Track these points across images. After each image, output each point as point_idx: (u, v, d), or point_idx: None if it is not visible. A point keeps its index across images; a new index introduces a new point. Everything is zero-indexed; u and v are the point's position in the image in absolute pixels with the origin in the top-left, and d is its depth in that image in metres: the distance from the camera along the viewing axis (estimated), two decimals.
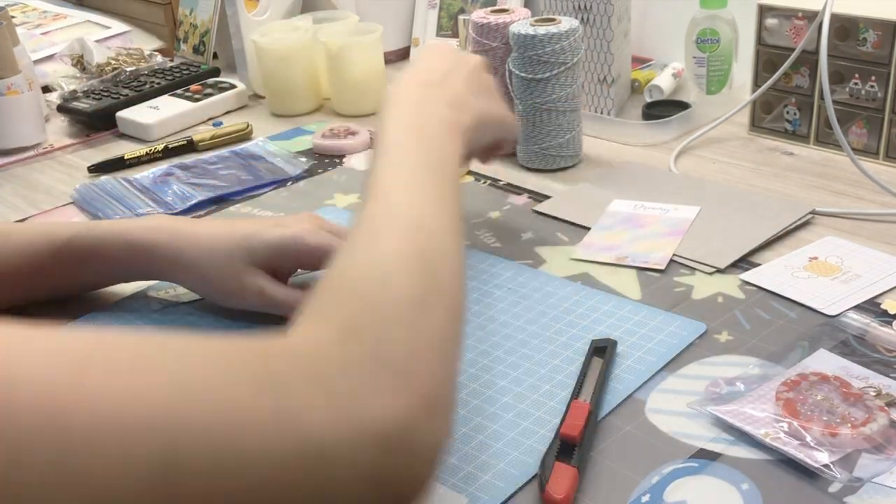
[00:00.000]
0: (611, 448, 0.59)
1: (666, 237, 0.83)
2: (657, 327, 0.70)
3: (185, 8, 1.42)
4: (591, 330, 0.71)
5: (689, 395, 0.63)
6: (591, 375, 0.64)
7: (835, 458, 0.55)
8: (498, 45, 1.00)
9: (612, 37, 1.08)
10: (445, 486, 0.57)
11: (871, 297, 0.72)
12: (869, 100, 0.95)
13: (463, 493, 0.56)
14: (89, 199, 1.00)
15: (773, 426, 0.58)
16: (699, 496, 0.55)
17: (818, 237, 0.82)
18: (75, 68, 1.39)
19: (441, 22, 1.45)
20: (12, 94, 1.14)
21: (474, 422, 0.62)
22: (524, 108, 0.98)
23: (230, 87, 1.28)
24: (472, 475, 0.58)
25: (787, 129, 1.03)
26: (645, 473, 0.57)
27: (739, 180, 0.96)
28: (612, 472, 0.57)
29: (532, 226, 0.89)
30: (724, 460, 0.57)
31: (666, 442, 0.59)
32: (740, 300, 0.74)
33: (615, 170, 0.99)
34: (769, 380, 0.62)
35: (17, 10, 1.63)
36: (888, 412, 0.58)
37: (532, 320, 0.73)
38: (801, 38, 0.97)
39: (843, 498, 0.53)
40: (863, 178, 0.90)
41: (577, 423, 0.58)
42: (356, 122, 1.20)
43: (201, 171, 1.06)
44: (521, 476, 0.57)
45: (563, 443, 0.57)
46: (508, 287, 0.78)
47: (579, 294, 0.76)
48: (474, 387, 0.66)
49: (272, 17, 1.31)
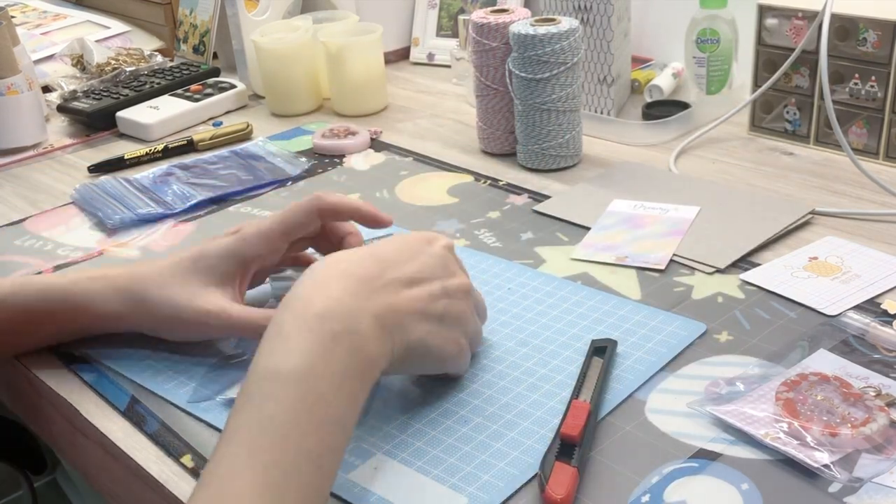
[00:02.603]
0: (611, 448, 0.59)
1: (666, 237, 0.83)
2: (657, 327, 0.70)
3: (185, 8, 1.42)
4: (592, 330, 0.71)
5: (689, 395, 0.63)
6: (591, 375, 0.64)
7: (835, 458, 0.55)
8: (498, 45, 1.00)
9: (612, 37, 1.08)
10: (445, 485, 0.57)
11: (871, 297, 0.72)
12: (869, 100, 0.95)
13: (463, 493, 0.56)
14: (89, 198, 1.00)
15: (773, 426, 0.58)
16: (699, 496, 0.55)
17: (818, 237, 0.82)
18: (75, 68, 1.39)
19: (441, 22, 1.45)
20: (12, 94, 1.14)
21: (474, 422, 0.62)
22: (524, 108, 0.98)
23: (230, 87, 1.28)
24: (472, 475, 0.58)
25: (787, 129, 1.03)
26: (645, 473, 0.57)
27: (739, 180, 0.96)
28: (612, 472, 0.57)
29: (532, 226, 0.89)
30: (723, 460, 0.57)
31: (666, 442, 0.59)
32: (740, 300, 0.74)
33: (615, 170, 0.99)
34: (769, 380, 0.62)
35: (17, 10, 1.63)
36: (888, 412, 0.58)
37: (532, 320, 0.73)
38: (801, 38, 0.97)
39: (843, 498, 0.53)
40: (863, 178, 0.90)
41: (577, 423, 0.58)
42: (356, 122, 1.20)
43: (201, 171, 1.06)
44: (521, 476, 0.57)
45: (563, 443, 0.57)
46: (508, 287, 0.78)
47: (579, 294, 0.76)
48: (474, 387, 0.66)
49: (272, 17, 1.31)
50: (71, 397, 0.69)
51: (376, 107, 1.24)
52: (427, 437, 0.61)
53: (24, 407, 0.79)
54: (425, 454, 0.60)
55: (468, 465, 0.58)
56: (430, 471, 0.58)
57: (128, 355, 0.72)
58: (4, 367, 0.77)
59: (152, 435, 0.64)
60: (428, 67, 1.43)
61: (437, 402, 0.64)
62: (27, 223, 0.98)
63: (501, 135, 1.05)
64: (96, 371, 0.71)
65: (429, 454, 0.60)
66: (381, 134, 1.15)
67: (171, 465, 0.61)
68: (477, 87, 1.04)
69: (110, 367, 0.71)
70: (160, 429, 0.64)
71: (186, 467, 0.61)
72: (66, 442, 0.73)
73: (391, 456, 0.60)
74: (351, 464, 0.59)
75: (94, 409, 0.68)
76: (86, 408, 0.68)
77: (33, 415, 0.78)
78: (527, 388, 0.65)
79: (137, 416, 0.66)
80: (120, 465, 0.65)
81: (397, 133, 1.16)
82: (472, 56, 1.03)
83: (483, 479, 0.57)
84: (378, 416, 0.64)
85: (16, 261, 0.90)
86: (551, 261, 0.82)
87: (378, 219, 0.71)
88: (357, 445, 0.61)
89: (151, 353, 0.72)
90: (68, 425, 0.70)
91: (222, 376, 0.69)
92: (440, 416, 0.63)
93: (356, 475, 0.58)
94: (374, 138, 1.14)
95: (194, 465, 0.61)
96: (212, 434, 0.63)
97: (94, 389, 0.69)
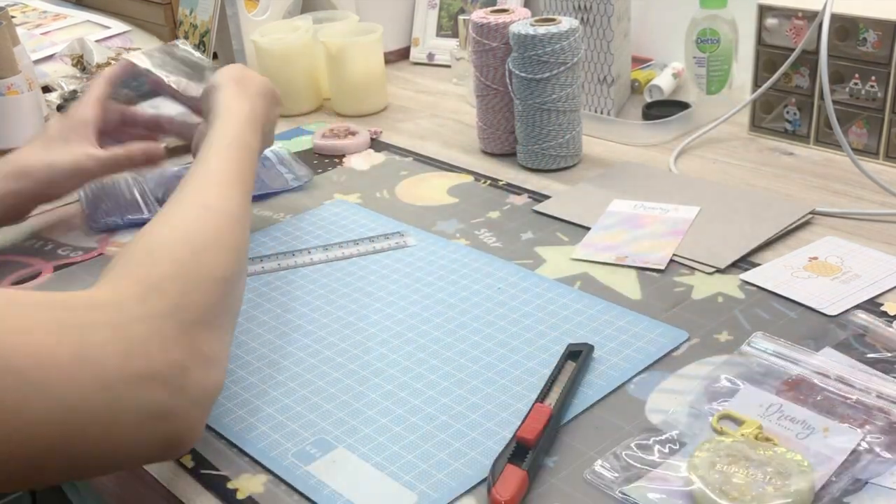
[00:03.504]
0: (611, 448, 0.59)
1: (666, 237, 0.83)
2: (639, 333, 0.70)
3: (185, 8, 1.42)
4: (573, 333, 0.71)
5: (689, 394, 0.63)
6: (560, 380, 0.64)
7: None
8: (498, 45, 1.00)
9: (612, 37, 1.08)
10: (399, 482, 0.57)
11: (872, 296, 0.72)
12: (869, 100, 0.95)
13: (414, 491, 0.57)
14: (92, 196, 0.99)
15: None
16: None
17: (818, 237, 0.82)
18: (75, 68, 1.39)
19: (441, 22, 1.45)
20: (12, 94, 1.14)
21: (439, 420, 0.62)
22: (524, 108, 0.98)
23: None
24: (426, 473, 0.58)
25: (787, 129, 1.03)
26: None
27: (739, 180, 0.96)
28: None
29: (532, 226, 0.89)
30: None
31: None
32: (740, 300, 0.74)
33: (615, 170, 0.99)
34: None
35: (17, 10, 1.63)
36: (888, 412, 0.58)
37: (515, 321, 0.73)
38: (801, 38, 0.97)
39: (843, 498, 0.53)
40: (863, 178, 0.90)
41: (535, 427, 0.58)
42: (356, 122, 1.20)
43: None
44: (474, 476, 0.57)
45: (518, 445, 0.57)
46: (498, 287, 0.78)
47: (567, 297, 0.76)
48: (445, 385, 0.66)
49: (272, 17, 1.31)
50: None
51: (376, 107, 1.24)
52: (390, 433, 0.62)
53: None
54: (385, 450, 0.60)
55: (425, 462, 0.59)
56: (387, 467, 0.59)
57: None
58: None
59: None
60: (428, 67, 1.43)
61: (406, 399, 0.65)
62: (27, 223, 0.98)
63: (501, 135, 1.05)
64: None
65: (389, 450, 0.60)
66: (381, 134, 1.15)
67: (171, 465, 0.61)
68: (477, 87, 1.04)
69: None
70: None
71: (186, 467, 0.61)
72: None
73: (352, 450, 0.60)
74: (311, 455, 0.60)
75: None
76: None
77: None
78: (497, 389, 0.65)
79: None
80: None
81: (397, 133, 1.16)
82: (472, 56, 1.03)
83: (436, 478, 0.57)
84: (346, 409, 0.64)
85: (16, 261, 0.90)
86: (551, 261, 0.82)
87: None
88: (320, 437, 0.62)
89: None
90: None
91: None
92: (407, 413, 0.63)
93: (315, 467, 0.59)
94: (374, 138, 1.14)
95: (194, 465, 0.61)
96: (212, 434, 0.64)
97: None
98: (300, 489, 0.58)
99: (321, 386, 0.67)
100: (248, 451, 0.61)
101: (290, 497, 0.58)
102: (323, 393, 0.66)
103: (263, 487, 0.59)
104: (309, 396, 0.66)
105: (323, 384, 0.67)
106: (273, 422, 0.64)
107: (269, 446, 0.62)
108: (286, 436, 0.62)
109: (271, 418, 0.64)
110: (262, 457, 0.61)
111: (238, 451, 0.62)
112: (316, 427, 0.63)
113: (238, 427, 0.64)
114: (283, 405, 0.65)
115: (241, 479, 0.59)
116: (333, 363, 0.70)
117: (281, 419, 0.64)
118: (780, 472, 0.53)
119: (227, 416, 0.65)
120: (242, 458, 0.61)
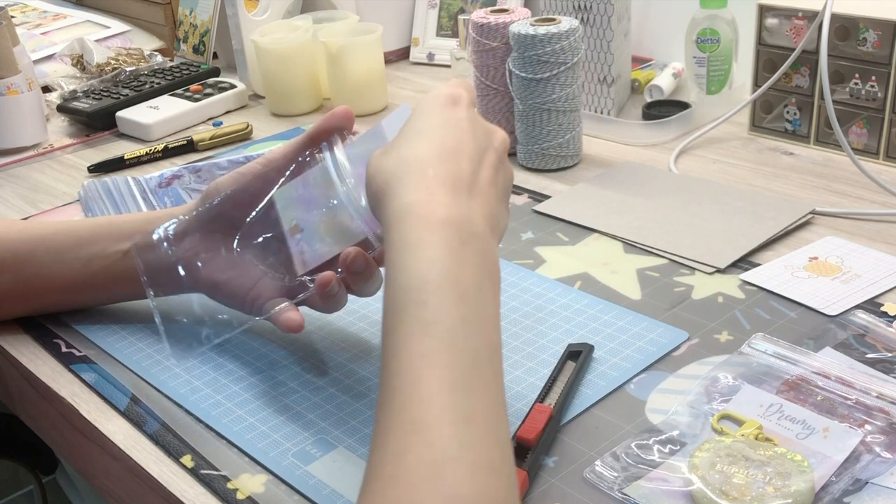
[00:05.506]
0: (610, 447, 0.59)
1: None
2: (639, 333, 0.70)
3: (185, 8, 1.42)
4: (573, 334, 0.71)
5: (689, 395, 0.63)
6: (560, 380, 0.64)
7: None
8: (498, 45, 1.00)
9: (612, 37, 1.08)
10: None
11: (872, 297, 0.72)
12: (869, 100, 0.95)
13: None
14: (90, 197, 0.99)
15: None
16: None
17: (818, 237, 0.82)
18: (75, 68, 1.38)
19: (441, 22, 1.45)
20: (12, 94, 1.14)
21: None
22: (524, 108, 0.98)
23: (230, 87, 1.28)
24: None
25: (787, 129, 1.03)
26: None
27: (739, 180, 0.96)
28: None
29: (532, 226, 0.89)
30: None
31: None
32: (740, 300, 0.74)
33: (615, 170, 0.99)
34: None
35: (17, 10, 1.63)
36: (888, 412, 0.58)
37: (515, 321, 0.73)
38: (801, 38, 0.97)
39: (843, 498, 0.53)
40: (863, 178, 0.90)
41: (535, 427, 0.58)
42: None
43: (208, 175, 1.05)
44: None
45: (518, 446, 0.57)
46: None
47: (567, 297, 0.76)
48: None
49: (272, 17, 1.31)
50: (71, 397, 0.69)
51: (376, 107, 1.24)
52: None
53: (24, 407, 0.79)
54: None
55: None
56: None
57: (127, 346, 0.73)
58: (3, 366, 0.77)
59: (152, 435, 0.64)
60: (428, 67, 1.43)
61: None
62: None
63: None
64: (96, 371, 0.71)
65: None
66: None
67: (171, 465, 0.61)
68: (477, 87, 1.04)
69: (110, 355, 0.72)
70: (160, 429, 0.64)
71: (186, 467, 0.61)
72: (65, 442, 0.73)
73: (352, 450, 0.60)
74: (311, 455, 0.60)
75: (94, 409, 0.68)
76: (86, 408, 0.68)
77: (33, 415, 0.78)
78: None
79: (137, 416, 0.66)
80: (120, 465, 0.65)
81: None
82: (472, 56, 1.03)
83: None
84: (346, 409, 0.64)
85: None
86: (551, 261, 0.82)
87: (348, 115, 0.72)
88: (321, 438, 0.62)
89: (149, 346, 0.72)
90: (68, 425, 0.70)
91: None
92: None
93: (315, 467, 0.59)
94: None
95: (194, 465, 0.61)
96: (211, 434, 0.63)
97: (94, 389, 0.69)
98: (300, 489, 0.58)
99: (321, 386, 0.67)
100: (248, 451, 0.61)
101: (290, 497, 0.58)
102: (323, 393, 0.66)
103: (263, 487, 0.59)
104: (309, 396, 0.66)
105: (323, 384, 0.67)
106: (273, 422, 0.64)
107: (269, 446, 0.62)
108: (286, 436, 0.62)
109: (271, 418, 0.64)
110: (262, 457, 0.61)
111: (238, 451, 0.62)
112: (316, 427, 0.63)
113: (238, 427, 0.64)
114: (283, 405, 0.65)
115: (240, 479, 0.59)
116: (334, 363, 0.70)
117: (281, 419, 0.64)
118: (781, 472, 0.53)
119: (227, 416, 0.65)
120: (242, 458, 0.61)
